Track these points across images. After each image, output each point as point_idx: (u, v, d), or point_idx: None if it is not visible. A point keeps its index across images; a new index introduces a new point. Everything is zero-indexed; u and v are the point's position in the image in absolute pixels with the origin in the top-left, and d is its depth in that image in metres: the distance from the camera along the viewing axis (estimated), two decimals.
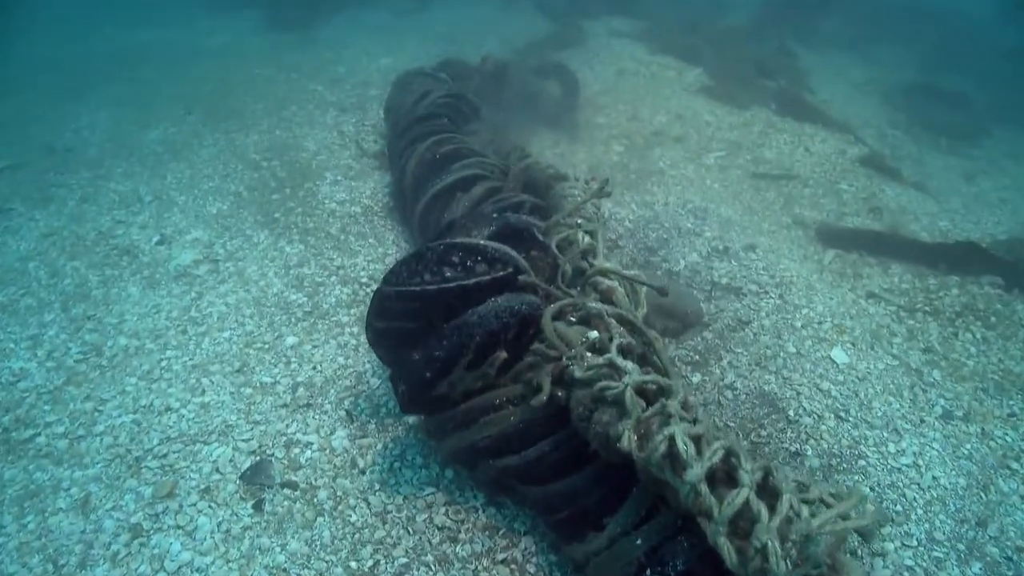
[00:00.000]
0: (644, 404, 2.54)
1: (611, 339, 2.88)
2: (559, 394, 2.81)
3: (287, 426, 3.80)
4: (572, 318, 3.09)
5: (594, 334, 2.90)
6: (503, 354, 2.97)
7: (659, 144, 7.74)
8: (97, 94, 8.52)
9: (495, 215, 3.90)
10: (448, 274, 3.23)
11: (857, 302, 5.34)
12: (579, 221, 4.26)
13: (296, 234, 5.45)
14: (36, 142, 7.15)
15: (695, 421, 2.52)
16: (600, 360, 2.65)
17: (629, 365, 2.63)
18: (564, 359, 2.83)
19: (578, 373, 2.70)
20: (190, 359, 4.29)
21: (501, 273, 3.29)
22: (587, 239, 3.43)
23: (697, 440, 2.39)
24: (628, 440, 2.41)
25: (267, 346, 4.39)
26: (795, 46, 11.59)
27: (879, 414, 4.20)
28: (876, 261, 5.98)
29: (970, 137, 9.31)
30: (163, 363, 4.26)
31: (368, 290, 4.90)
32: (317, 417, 3.86)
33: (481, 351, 2.91)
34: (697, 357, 4.75)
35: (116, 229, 5.58)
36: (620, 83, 9.39)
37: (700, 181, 7.06)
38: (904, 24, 12.67)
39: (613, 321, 2.93)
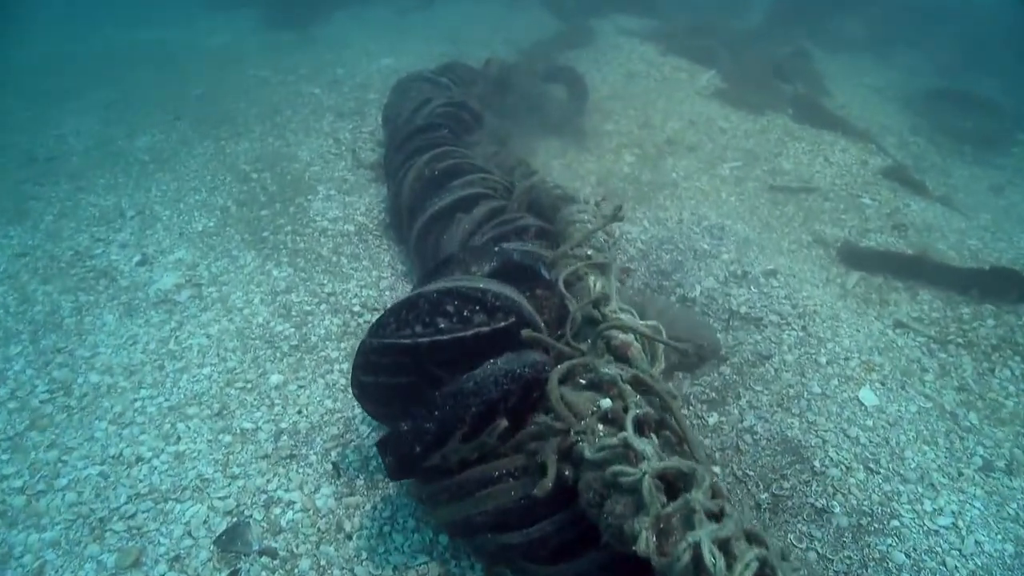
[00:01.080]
0: (664, 497, 2.20)
1: (626, 410, 2.53)
2: (566, 473, 2.47)
3: (268, 481, 3.47)
4: (582, 380, 2.74)
5: (607, 403, 2.56)
6: (504, 422, 2.62)
7: (672, 153, 7.37)
8: (86, 97, 8.18)
9: (496, 249, 3.55)
10: (442, 325, 2.89)
11: (885, 333, 4.98)
12: (589, 252, 3.91)
13: (285, 255, 5.10)
14: (16, 150, 6.81)
15: (722, 513, 2.18)
16: (614, 440, 2.31)
17: (647, 448, 2.29)
18: (572, 433, 2.49)
19: (588, 453, 2.36)
20: (166, 400, 3.96)
21: (502, 324, 2.95)
22: (599, 284, 3.08)
23: (726, 544, 2.04)
24: (646, 542, 2.07)
25: (249, 385, 4.05)
26: (811, 47, 11.15)
27: (913, 465, 3.85)
28: (903, 285, 5.61)
29: (996, 145, 8.89)
30: (137, 404, 3.93)
31: (361, 320, 4.56)
32: (301, 471, 3.53)
33: (478, 422, 2.56)
34: (714, 395, 4.41)
35: (95, 248, 5.24)
36: (630, 86, 8.99)
37: (715, 194, 6.69)
38: (924, 24, 12.21)
39: (628, 388, 2.58)
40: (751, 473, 3.87)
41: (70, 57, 9.92)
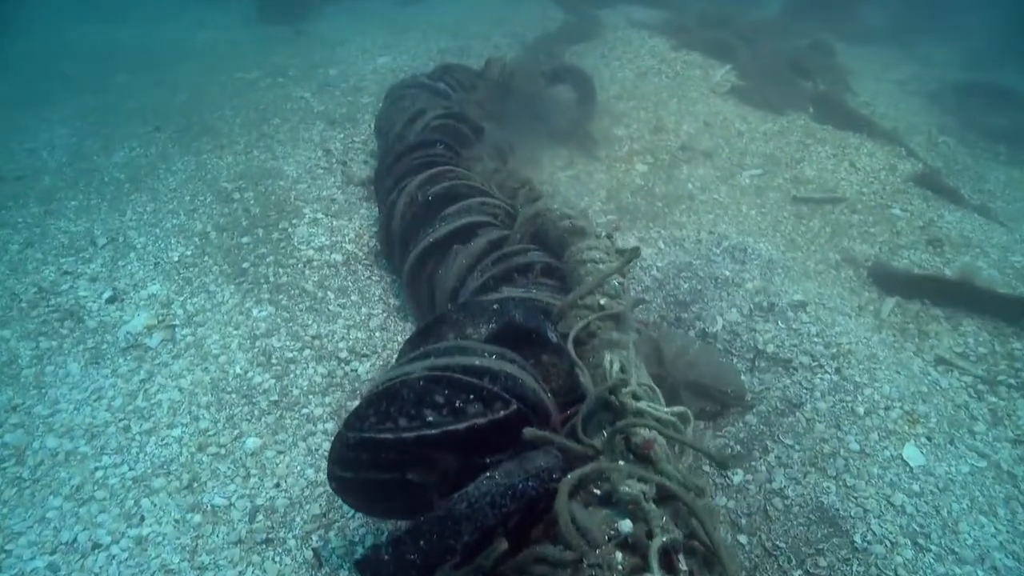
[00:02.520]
0: None
1: (650, 535, 2.09)
2: None
3: (241, 573, 3.06)
4: (597, 490, 2.30)
5: (627, 526, 2.12)
6: (503, 545, 2.19)
7: (687, 161, 6.87)
8: (61, 105, 7.71)
9: (495, 305, 3.09)
10: (431, 419, 2.45)
11: (927, 373, 4.51)
12: (601, 301, 3.46)
13: (266, 291, 4.66)
14: None
15: None
16: None
17: None
18: (585, 565, 2.06)
19: None
20: (130, 469, 3.55)
21: (501, 414, 2.50)
22: (617, 367, 2.63)
23: None
24: None
25: (223, 451, 3.63)
26: (831, 39, 10.55)
27: (969, 541, 3.41)
28: (943, 314, 5.13)
29: None
30: (98, 475, 3.52)
31: (348, 368, 4.12)
32: (278, 559, 3.11)
33: (472, 550, 2.13)
34: (738, 447, 3.98)
35: (61, 283, 4.82)
36: (641, 85, 8.46)
37: (735, 207, 6.20)
38: (950, 11, 11.56)
39: (653, 508, 2.13)
40: (782, 545, 3.44)
41: (47, 57, 9.43)
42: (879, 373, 4.30)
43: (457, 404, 2.46)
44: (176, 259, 5.06)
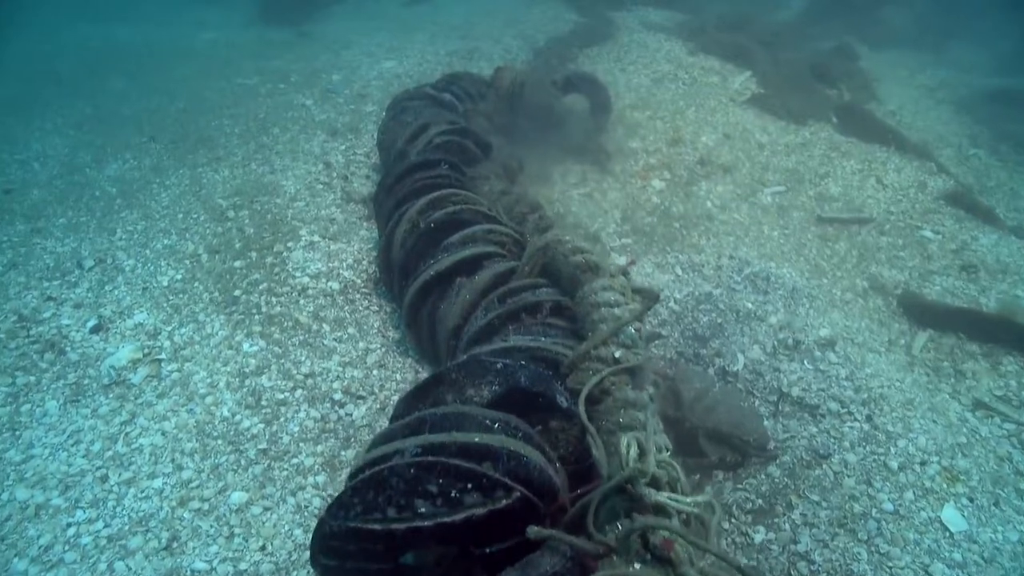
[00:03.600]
0: None
1: None
2: None
3: None
4: None
5: None
6: None
7: (705, 176, 6.53)
8: (56, 112, 7.46)
9: (499, 365, 2.80)
10: (423, 509, 2.16)
11: (965, 420, 4.19)
12: (616, 353, 3.15)
13: (257, 323, 4.39)
14: None
15: None
16: None
17: None
18: None
19: None
20: (106, 525, 3.29)
21: (503, 503, 2.21)
22: (634, 451, 2.33)
23: None
24: None
25: (206, 506, 3.37)
26: (854, 42, 10.15)
27: None
28: (981, 350, 4.80)
29: None
30: (70, 532, 3.26)
31: (342, 412, 3.85)
32: None
33: None
34: (760, 502, 3.68)
35: (44, 310, 4.56)
36: (657, 92, 8.11)
37: (756, 228, 5.87)
38: (980, 12, 11.10)
39: None
40: None
41: (44, 60, 9.18)
42: (914, 422, 3.98)
43: (453, 493, 2.17)
44: (165, 284, 4.79)
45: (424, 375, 4.17)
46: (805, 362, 4.34)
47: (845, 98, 8.60)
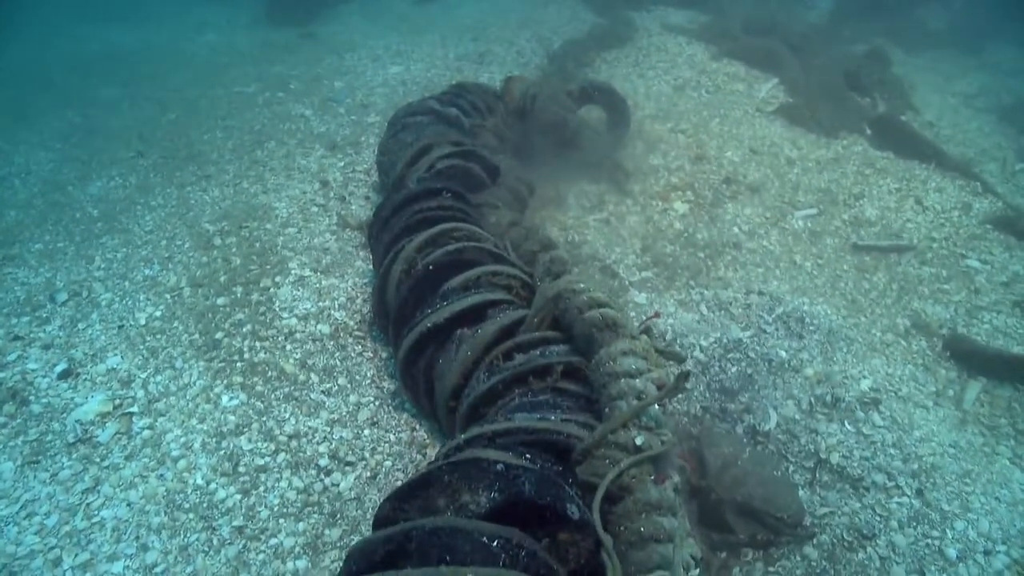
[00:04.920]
0: None
1: None
2: None
3: None
4: None
5: None
6: None
7: (731, 197, 6.05)
8: (43, 123, 7.08)
9: (500, 467, 2.37)
10: None
11: None
12: (638, 439, 2.72)
13: (239, 372, 3.98)
14: None
15: None
16: None
17: None
18: None
19: None
20: None
21: None
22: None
23: None
24: None
25: None
26: (887, 46, 9.58)
27: None
28: None
29: None
30: None
31: (328, 483, 3.44)
32: None
33: None
34: None
35: (9, 351, 4.19)
36: (679, 101, 7.62)
37: (787, 258, 5.40)
38: (1019, 11, 10.48)
39: None
40: None
41: (37, 65, 8.80)
42: (973, 499, 3.52)
43: None
44: (143, 322, 4.40)
45: (421, 434, 3.76)
46: (846, 423, 3.88)
47: (879, 108, 8.06)
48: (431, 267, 3.82)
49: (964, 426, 4.12)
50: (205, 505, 3.33)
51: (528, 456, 2.56)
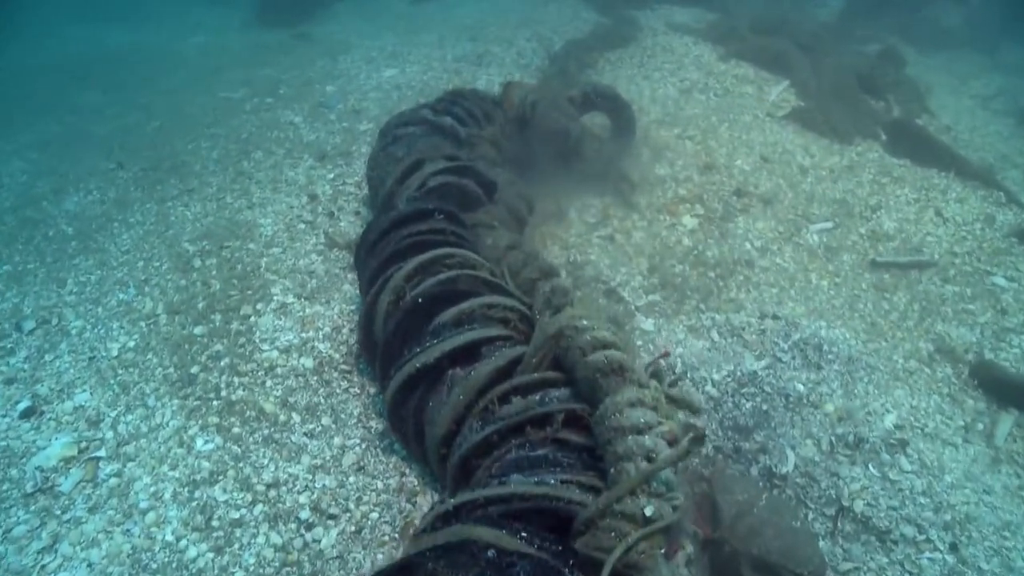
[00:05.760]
0: None
1: None
2: None
3: None
4: None
5: None
6: None
7: (743, 210, 5.74)
8: (22, 130, 6.78)
9: (491, 553, 2.08)
10: None
11: None
12: (647, 509, 2.43)
13: (215, 412, 3.69)
14: None
15: None
16: None
17: None
18: None
19: None
20: None
21: None
22: None
23: None
24: None
25: None
26: (900, 44, 9.23)
27: None
28: None
29: None
30: None
31: (308, 539, 3.15)
32: None
33: None
34: None
35: None
36: (686, 105, 7.30)
37: (803, 276, 5.10)
38: None
39: None
40: None
41: (20, 66, 8.50)
42: (1015, 556, 3.23)
43: None
44: (115, 354, 4.11)
45: (411, 479, 3.48)
46: (870, 467, 3.59)
47: (894, 111, 7.73)
48: (421, 299, 3.52)
49: (997, 466, 3.83)
50: (175, 565, 3.05)
51: (524, 533, 2.26)
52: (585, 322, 3.21)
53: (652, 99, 7.42)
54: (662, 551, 2.38)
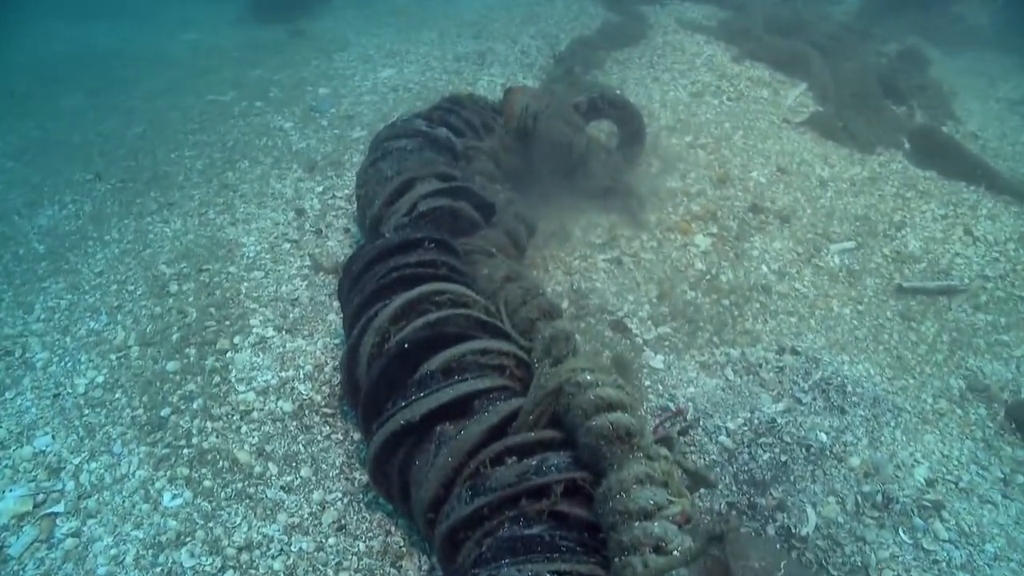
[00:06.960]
0: None
1: None
2: None
3: None
4: None
5: None
6: None
7: (759, 228, 5.39)
8: None
9: None
10: None
11: None
12: None
13: (185, 460, 3.39)
14: None
15: None
16: None
17: None
18: None
19: None
20: None
21: None
22: None
23: None
24: None
25: None
26: (923, 44, 8.81)
27: None
28: None
29: None
30: None
31: None
32: None
33: None
34: None
35: None
36: (698, 110, 6.93)
37: (824, 305, 4.75)
38: None
39: None
40: None
41: (7, 66, 8.16)
42: None
43: None
44: (82, 390, 3.81)
45: (397, 539, 3.17)
46: (900, 532, 3.26)
47: (917, 117, 7.34)
48: (407, 344, 3.20)
49: None
50: None
51: None
52: (588, 376, 2.89)
53: (662, 103, 7.05)
54: None
